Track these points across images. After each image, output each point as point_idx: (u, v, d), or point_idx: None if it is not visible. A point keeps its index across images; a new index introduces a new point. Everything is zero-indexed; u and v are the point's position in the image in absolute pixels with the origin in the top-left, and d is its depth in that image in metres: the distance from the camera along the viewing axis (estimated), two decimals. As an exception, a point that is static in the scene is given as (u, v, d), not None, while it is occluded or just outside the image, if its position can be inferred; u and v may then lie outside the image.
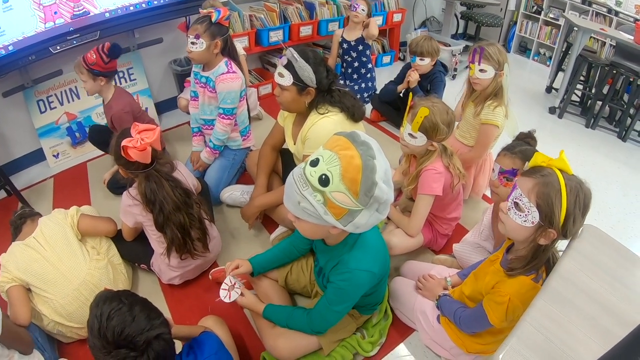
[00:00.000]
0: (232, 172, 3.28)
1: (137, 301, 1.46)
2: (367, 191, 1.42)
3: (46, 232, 2.30)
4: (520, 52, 7.00)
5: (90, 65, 3.04)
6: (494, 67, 2.74)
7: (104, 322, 1.35)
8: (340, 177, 1.41)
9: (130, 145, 2.11)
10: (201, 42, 2.85)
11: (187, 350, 1.64)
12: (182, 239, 2.33)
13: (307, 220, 1.54)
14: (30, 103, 3.84)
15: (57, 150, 4.06)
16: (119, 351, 1.34)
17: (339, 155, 1.44)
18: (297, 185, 1.48)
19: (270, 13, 4.68)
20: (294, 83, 2.30)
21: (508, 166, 2.13)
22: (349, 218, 1.48)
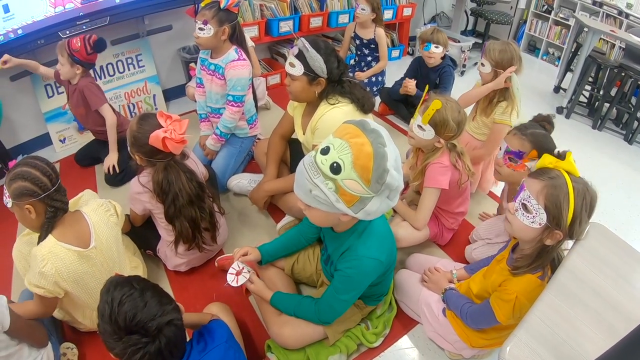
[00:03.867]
0: (239, 159, 3.31)
1: (149, 287, 1.47)
2: (379, 178, 1.44)
3: (103, 241, 2.13)
4: (529, 50, 7.00)
5: (72, 51, 3.10)
6: (491, 63, 2.82)
7: (115, 308, 1.37)
8: (351, 165, 1.43)
9: (168, 137, 2.12)
10: (209, 28, 2.86)
11: (198, 338, 1.65)
12: (192, 232, 2.35)
13: (318, 208, 1.55)
14: (38, 87, 3.86)
15: (64, 135, 4.09)
16: (130, 337, 1.35)
17: (349, 143, 1.46)
18: (309, 173, 1.50)
19: (280, 3, 4.70)
20: (305, 73, 2.33)
21: (515, 147, 2.17)
22: (360, 205, 1.50)
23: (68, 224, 1.99)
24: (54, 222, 1.95)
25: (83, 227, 2.05)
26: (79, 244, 1.97)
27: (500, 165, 2.27)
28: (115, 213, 2.23)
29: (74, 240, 1.96)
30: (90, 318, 2.18)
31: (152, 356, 1.37)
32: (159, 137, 2.12)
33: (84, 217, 2.08)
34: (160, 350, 1.39)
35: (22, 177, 1.83)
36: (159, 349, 1.38)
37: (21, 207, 1.86)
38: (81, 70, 3.20)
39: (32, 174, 1.84)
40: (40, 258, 1.85)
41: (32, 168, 1.86)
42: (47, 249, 1.88)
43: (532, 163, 2.14)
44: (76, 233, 2.00)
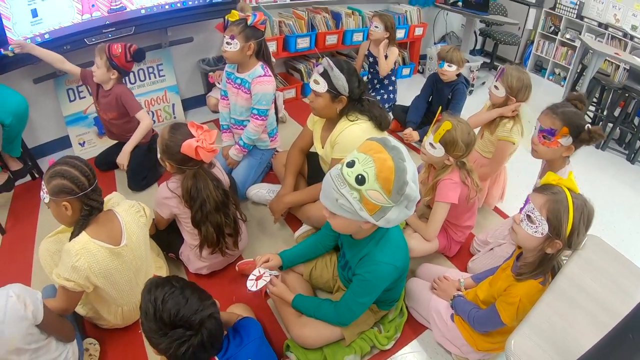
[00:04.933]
0: (259, 170, 3.44)
1: (187, 284, 1.57)
2: (399, 189, 1.60)
3: (133, 240, 2.22)
4: (535, 70, 7.10)
5: (112, 56, 3.21)
6: (506, 89, 2.95)
7: (159, 306, 1.46)
8: (375, 177, 1.59)
9: (201, 145, 2.23)
10: (235, 43, 2.99)
11: (233, 333, 1.74)
12: (216, 237, 2.46)
13: (343, 216, 1.70)
14: (60, 91, 3.98)
15: (84, 138, 4.21)
16: (175, 331, 1.45)
17: (373, 157, 1.62)
18: (335, 183, 1.66)
19: (298, 20, 4.88)
20: (328, 90, 2.48)
21: (547, 125, 2.30)
22: (381, 214, 1.66)
23: (101, 222, 2.08)
24: (88, 220, 2.03)
25: (115, 226, 2.14)
26: (110, 241, 2.07)
27: (536, 143, 2.39)
28: (145, 214, 2.34)
29: (106, 237, 2.06)
30: (115, 314, 2.28)
31: (196, 348, 1.47)
32: (191, 146, 2.23)
33: (116, 216, 2.18)
34: (203, 343, 1.48)
35: (62, 175, 1.92)
36: (201, 341, 1.48)
37: (58, 203, 1.94)
38: (116, 76, 3.32)
39: (71, 173, 1.93)
40: (74, 253, 1.93)
41: (71, 167, 1.95)
42: (80, 244, 1.96)
43: (564, 139, 2.29)
44: (108, 231, 2.10)
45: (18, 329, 1.68)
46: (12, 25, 3.38)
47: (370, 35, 4.45)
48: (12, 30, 3.38)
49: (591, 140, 2.30)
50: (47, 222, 3.24)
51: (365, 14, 5.38)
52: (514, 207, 3.25)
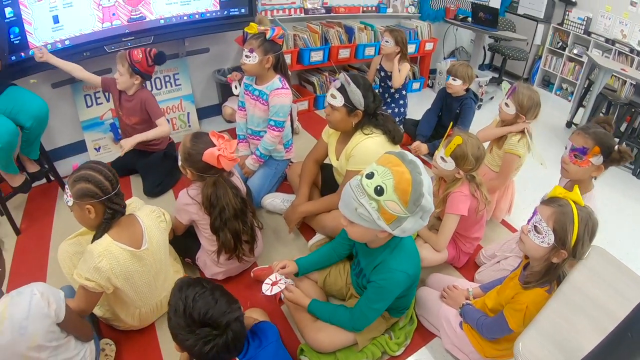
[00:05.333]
0: (273, 180, 3.52)
1: (216, 287, 1.64)
2: (415, 201, 1.71)
3: (154, 243, 2.29)
4: (543, 85, 7.16)
5: (134, 62, 3.32)
6: (516, 107, 3.05)
7: (189, 304, 1.53)
8: (393, 189, 1.69)
9: (223, 154, 2.32)
10: (254, 56, 3.09)
11: (252, 336, 1.81)
12: (234, 243, 2.53)
13: (361, 225, 1.79)
14: (78, 96, 4.08)
15: (99, 144, 4.30)
16: (203, 329, 1.51)
17: (391, 170, 1.72)
18: (355, 193, 1.75)
19: (313, 34, 5.01)
20: (345, 105, 2.57)
21: (579, 144, 2.39)
22: (397, 223, 1.75)
23: (123, 225, 2.16)
24: (111, 223, 2.11)
25: (136, 230, 2.22)
26: (132, 244, 2.14)
27: (567, 162, 2.48)
28: (165, 219, 2.41)
29: (128, 240, 2.13)
30: (133, 316, 2.34)
31: (220, 348, 1.52)
32: (214, 155, 2.31)
33: (137, 220, 2.25)
34: (227, 343, 1.54)
35: (86, 180, 1.99)
36: (226, 342, 1.53)
37: (81, 207, 2.01)
38: (139, 80, 3.44)
39: (95, 177, 2.00)
40: (97, 254, 2.00)
41: (95, 172, 2.02)
42: (103, 246, 2.03)
43: (595, 158, 2.38)
44: (130, 234, 2.16)
45: (41, 326, 1.73)
46: (34, 30, 3.48)
47: (382, 50, 4.55)
48: (33, 35, 3.48)
49: (621, 160, 2.40)
50: (63, 224, 3.33)
51: (377, 28, 5.50)
52: (521, 220, 3.30)
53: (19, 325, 1.66)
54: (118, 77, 3.42)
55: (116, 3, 3.79)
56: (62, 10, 3.55)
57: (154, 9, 4.01)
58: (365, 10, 5.72)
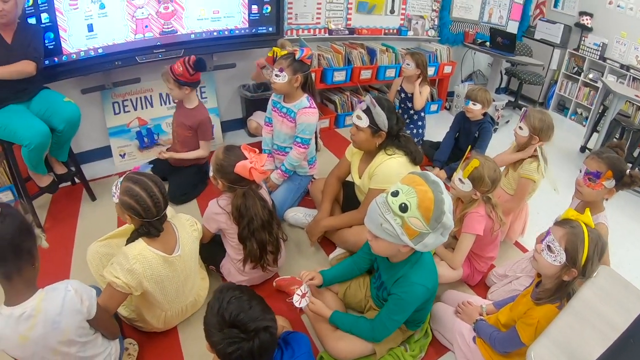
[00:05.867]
0: (296, 195, 3.66)
1: (256, 296, 1.70)
2: (437, 218, 1.85)
3: (186, 250, 2.38)
4: (558, 110, 7.26)
5: (176, 76, 3.49)
6: (530, 129, 3.19)
7: (224, 304, 1.60)
8: (416, 206, 1.84)
9: (254, 167, 2.44)
10: (284, 75, 3.24)
11: (284, 345, 1.88)
12: (259, 253, 2.65)
13: (385, 239, 1.93)
14: (106, 103, 4.26)
15: (125, 150, 4.47)
16: (231, 330, 1.56)
17: (415, 189, 1.86)
18: (381, 210, 1.90)
19: (336, 55, 5.18)
20: (370, 126, 2.71)
21: (593, 168, 2.53)
22: (419, 239, 1.88)
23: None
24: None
25: (170, 236, 2.32)
26: (165, 250, 2.23)
27: (581, 185, 2.62)
28: (197, 229, 2.55)
29: (161, 246, 2.22)
30: (158, 318, 2.43)
31: (244, 353, 1.56)
32: (246, 167, 2.44)
33: (172, 227, 2.36)
34: (252, 351, 1.56)
35: (135, 199, 2.08)
36: (251, 349, 1.56)
37: (123, 211, 2.13)
38: (189, 90, 3.63)
39: (145, 202, 2.09)
40: (131, 257, 2.10)
41: (147, 196, 2.10)
42: (137, 250, 2.14)
43: (608, 182, 2.53)
44: (164, 241, 2.26)
45: (73, 321, 1.81)
46: (68, 37, 3.67)
47: (403, 72, 4.69)
48: (67, 41, 3.67)
49: (632, 184, 2.55)
50: (87, 226, 3.49)
51: (398, 51, 5.66)
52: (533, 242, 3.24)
53: (52, 320, 1.74)
54: (170, 92, 3.64)
55: (149, 16, 3.99)
56: (97, 20, 3.75)
57: (186, 23, 4.21)
58: (387, 33, 5.93)
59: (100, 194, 3.93)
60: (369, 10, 5.71)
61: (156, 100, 4.59)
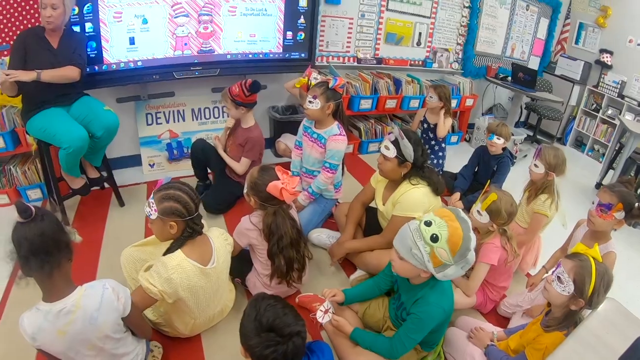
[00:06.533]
0: (321, 216, 3.82)
1: (288, 305, 1.83)
2: (462, 254, 2.03)
3: (220, 262, 2.51)
4: (575, 146, 7.35)
5: (233, 97, 3.70)
6: (545, 166, 3.34)
7: (261, 311, 1.74)
8: (446, 239, 2.01)
9: (285, 188, 2.61)
10: (317, 102, 3.41)
11: (310, 353, 1.96)
12: (286, 269, 2.77)
13: (410, 262, 2.09)
14: (140, 114, 4.48)
15: (154, 160, 4.68)
16: (268, 334, 1.70)
17: (447, 223, 2.04)
18: (413, 235, 2.07)
19: (364, 83, 5.36)
20: (397, 156, 2.87)
21: (606, 200, 2.73)
22: (442, 268, 2.06)
23: (196, 244, 2.38)
24: (186, 240, 2.33)
25: (206, 248, 2.45)
26: (201, 261, 2.36)
27: (593, 216, 2.81)
28: (230, 243, 2.68)
29: (198, 257, 2.35)
30: (186, 325, 2.55)
31: (278, 356, 1.69)
32: (277, 187, 2.60)
33: (209, 240, 2.48)
34: (286, 353, 1.70)
35: (175, 200, 2.22)
36: (285, 352, 1.69)
37: (165, 222, 2.24)
38: (245, 110, 3.84)
39: (184, 198, 2.24)
40: (170, 267, 2.22)
41: (183, 193, 2.26)
42: (176, 261, 2.25)
43: (618, 214, 2.74)
44: (201, 252, 2.39)
45: (109, 318, 1.94)
46: (110, 47, 3.92)
47: (426, 104, 4.87)
48: (108, 51, 3.92)
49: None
50: (115, 231, 3.67)
51: (423, 82, 5.86)
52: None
53: (90, 316, 1.87)
54: (227, 111, 3.88)
55: (189, 34, 4.23)
56: (138, 34, 4.00)
57: (223, 44, 4.45)
58: (413, 64, 6.15)
59: (128, 200, 4.09)
60: (397, 41, 5.95)
61: (188, 114, 4.80)
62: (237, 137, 4.03)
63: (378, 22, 5.72)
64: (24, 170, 4.03)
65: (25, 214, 1.73)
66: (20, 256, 1.76)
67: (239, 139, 4.01)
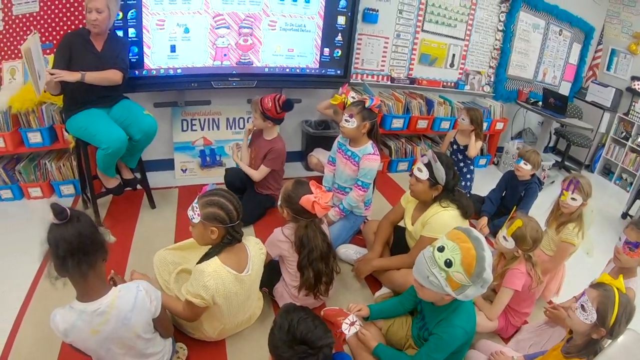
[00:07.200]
0: (350, 232, 3.93)
1: (317, 317, 1.88)
2: (478, 274, 2.08)
3: (255, 269, 2.60)
4: (603, 174, 7.28)
5: (264, 110, 3.79)
6: (583, 198, 3.37)
7: (294, 324, 1.78)
8: (460, 262, 2.07)
9: (318, 202, 2.71)
10: (353, 121, 3.52)
11: None
12: (314, 282, 2.85)
13: (430, 289, 2.16)
14: (176, 119, 4.63)
15: (187, 166, 4.82)
16: (300, 347, 1.75)
17: (459, 246, 2.10)
18: (428, 264, 2.14)
19: (397, 102, 5.46)
20: (429, 179, 2.98)
21: (633, 238, 2.76)
22: (461, 290, 2.12)
23: (233, 251, 2.47)
24: (225, 247, 2.42)
25: (242, 256, 2.54)
26: (237, 268, 2.45)
27: (620, 253, 2.83)
28: (264, 252, 2.77)
29: (233, 264, 2.43)
30: (215, 329, 2.64)
31: None
32: (310, 201, 2.71)
33: (245, 248, 2.58)
34: None
35: (219, 206, 2.33)
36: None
37: (206, 227, 2.33)
38: (271, 125, 3.94)
39: (227, 205, 2.34)
40: (207, 274, 2.31)
41: (227, 200, 2.35)
42: (213, 268, 2.34)
43: None
44: (237, 260, 2.48)
45: (142, 318, 2.03)
46: (151, 53, 4.09)
47: (458, 126, 4.95)
48: (150, 57, 4.10)
49: None
50: (145, 232, 3.81)
51: (454, 104, 5.93)
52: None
53: (123, 316, 1.96)
54: (254, 120, 3.95)
55: (229, 46, 4.38)
56: (180, 42, 4.17)
57: (262, 57, 4.60)
58: (445, 85, 6.26)
59: (159, 203, 4.23)
60: (431, 62, 6.06)
61: (223, 123, 4.94)
62: (261, 149, 4.13)
63: (413, 42, 5.84)
64: (58, 166, 4.22)
65: (61, 215, 1.81)
66: (57, 257, 1.83)
67: (262, 151, 4.10)
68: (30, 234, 3.48)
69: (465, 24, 6.09)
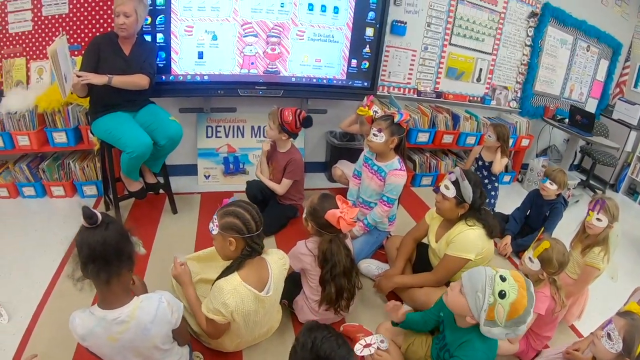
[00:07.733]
0: (372, 247, 3.91)
1: (340, 335, 1.85)
2: (517, 322, 2.06)
3: (276, 288, 2.60)
4: (628, 194, 7.16)
5: (283, 122, 3.82)
6: (609, 219, 3.35)
7: (317, 343, 1.75)
8: (511, 301, 2.03)
9: (343, 217, 2.71)
10: (381, 136, 3.51)
11: None
12: (336, 297, 2.85)
13: (467, 299, 2.14)
14: (201, 126, 4.69)
15: (210, 172, 4.88)
16: None
17: (519, 290, 2.08)
18: (485, 281, 2.12)
19: (423, 117, 5.45)
20: (455, 197, 2.97)
21: None
22: (491, 324, 2.09)
23: (254, 267, 2.47)
24: (245, 261, 2.42)
25: (263, 274, 2.53)
26: (257, 286, 2.44)
27: None
28: (287, 267, 2.75)
29: (254, 282, 2.42)
30: (232, 342, 2.66)
31: None
32: (335, 215, 2.71)
33: (267, 265, 2.56)
34: None
35: (236, 216, 2.35)
36: None
37: (225, 237, 2.35)
38: (286, 137, 3.96)
39: (244, 216, 2.36)
40: (226, 291, 2.32)
41: (245, 211, 2.37)
42: (232, 285, 2.34)
43: None
44: (258, 277, 2.48)
45: (162, 330, 2.04)
46: (179, 59, 4.16)
47: (484, 142, 4.93)
48: (177, 63, 4.17)
49: None
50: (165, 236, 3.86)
51: (480, 119, 5.91)
52: (589, 327, 3.39)
53: (143, 327, 1.97)
54: (268, 130, 3.97)
55: (257, 54, 4.43)
56: (207, 49, 4.23)
57: (289, 66, 4.64)
58: (471, 100, 6.25)
59: (181, 208, 4.28)
60: (458, 76, 6.07)
61: (248, 131, 5.00)
62: (279, 162, 4.16)
63: (440, 56, 5.85)
64: (82, 167, 4.31)
65: (90, 220, 1.84)
66: (79, 259, 1.87)
67: (281, 163, 4.14)
68: (51, 232, 3.64)
69: (493, 38, 6.09)
